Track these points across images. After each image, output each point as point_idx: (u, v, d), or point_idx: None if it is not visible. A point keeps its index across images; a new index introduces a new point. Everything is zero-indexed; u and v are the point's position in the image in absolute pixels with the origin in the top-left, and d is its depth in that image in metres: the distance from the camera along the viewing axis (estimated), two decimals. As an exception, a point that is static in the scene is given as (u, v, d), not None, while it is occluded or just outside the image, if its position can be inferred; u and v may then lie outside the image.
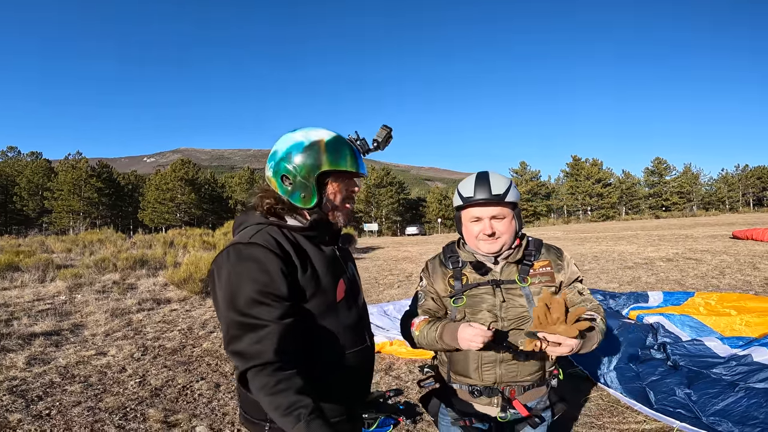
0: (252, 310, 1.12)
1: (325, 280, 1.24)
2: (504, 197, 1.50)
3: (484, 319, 1.51)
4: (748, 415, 2.51)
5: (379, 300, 7.85)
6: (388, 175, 64.92)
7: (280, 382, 1.06)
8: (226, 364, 4.48)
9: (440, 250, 1.71)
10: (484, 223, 1.51)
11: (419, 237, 38.97)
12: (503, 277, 1.54)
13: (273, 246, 1.17)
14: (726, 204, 63.44)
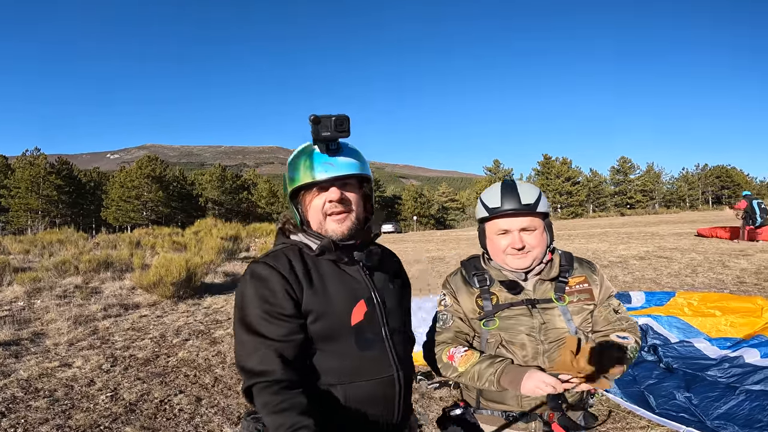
0: (258, 326, 1.13)
1: (338, 302, 1.18)
2: (535, 207, 1.38)
3: (523, 342, 1.38)
4: (753, 418, 2.52)
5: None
6: (364, 172, 64.78)
7: (284, 402, 1.05)
8: (205, 375, 4.22)
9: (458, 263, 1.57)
10: (512, 236, 1.39)
11: (397, 235, 38.93)
12: (537, 296, 1.41)
13: (281, 266, 1.17)
14: (686, 202, 66.70)
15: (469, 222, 61.32)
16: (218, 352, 4.97)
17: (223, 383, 4.00)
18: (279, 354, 1.11)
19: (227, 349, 5.06)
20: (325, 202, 1.20)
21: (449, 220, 67.92)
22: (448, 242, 20.98)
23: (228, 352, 4.95)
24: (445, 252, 15.64)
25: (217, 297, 8.49)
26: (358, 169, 1.21)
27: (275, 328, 1.12)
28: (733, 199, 53.37)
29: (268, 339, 1.12)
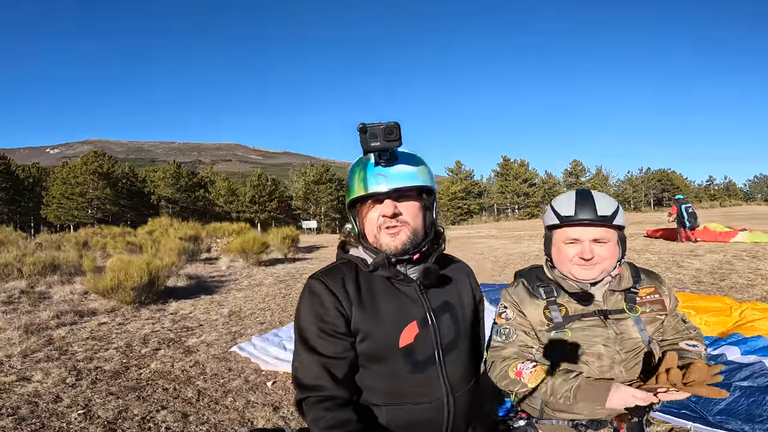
0: (314, 343, 1.13)
1: (387, 322, 1.16)
2: (611, 219, 1.34)
3: (600, 353, 1.36)
4: (752, 413, 2.65)
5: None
6: (328, 171, 63.93)
7: (333, 418, 1.05)
8: (187, 388, 3.93)
9: (516, 275, 1.51)
10: (582, 245, 1.35)
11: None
12: (609, 307, 1.39)
13: (333, 283, 1.17)
14: (631, 204, 71.26)
15: (432, 222, 62.22)
16: (195, 362, 4.67)
17: (208, 397, 3.74)
18: (331, 370, 1.11)
19: (205, 359, 4.77)
20: (379, 215, 1.16)
21: (412, 220, 68.56)
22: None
23: (207, 363, 4.66)
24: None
25: (183, 302, 8.04)
26: (415, 179, 1.15)
27: (329, 345, 1.13)
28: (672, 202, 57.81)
29: (322, 356, 1.12)
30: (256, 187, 61.15)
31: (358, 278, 1.19)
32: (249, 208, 60.70)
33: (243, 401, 3.63)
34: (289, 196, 64.78)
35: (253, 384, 4.03)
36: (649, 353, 1.37)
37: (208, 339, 5.60)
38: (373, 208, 1.18)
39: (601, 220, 1.33)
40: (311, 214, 61.36)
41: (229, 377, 4.21)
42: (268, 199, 61.42)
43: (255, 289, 9.38)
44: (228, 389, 3.91)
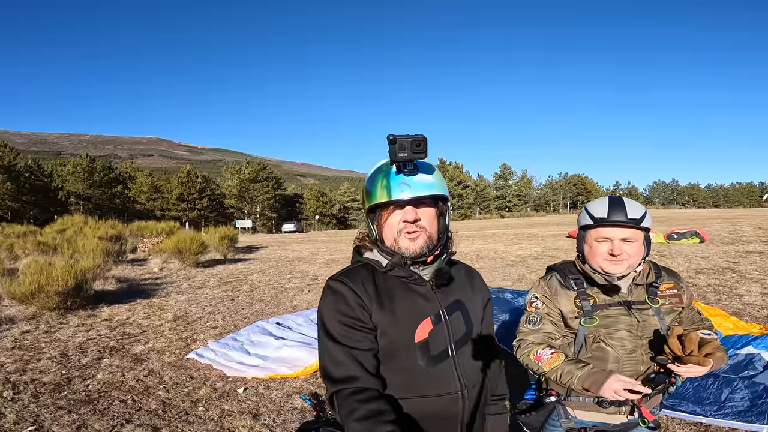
0: (341, 337, 1.17)
1: (403, 319, 1.22)
2: (640, 222, 1.52)
3: (623, 337, 1.55)
4: (699, 395, 3.04)
5: (295, 307, 7.37)
6: (265, 169, 61.73)
7: (369, 410, 1.07)
8: (148, 400, 3.67)
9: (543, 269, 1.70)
10: (612, 243, 1.53)
11: (301, 235, 38.06)
12: (633, 298, 1.58)
13: (353, 283, 1.23)
14: (551, 206, 77.53)
15: (370, 222, 62.63)
16: (150, 371, 4.36)
17: (175, 407, 3.52)
18: (362, 362, 1.15)
19: (160, 368, 4.48)
20: (400, 221, 1.23)
21: (351, 219, 68.58)
22: (359, 242, 21.17)
23: (163, 371, 4.38)
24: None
25: (117, 307, 7.41)
26: (435, 189, 1.24)
27: (356, 337, 1.18)
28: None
29: (350, 348, 1.16)
30: (184, 183, 57.37)
31: (375, 279, 1.25)
32: (176, 206, 56.81)
33: (217, 410, 3.47)
34: (222, 194, 61.61)
35: (222, 392, 3.86)
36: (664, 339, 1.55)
37: (157, 346, 5.25)
38: (393, 213, 1.25)
39: (630, 222, 1.51)
40: (246, 213, 58.91)
41: (194, 385, 3.99)
42: (198, 197, 57.93)
43: (198, 292, 8.90)
44: (196, 398, 3.71)
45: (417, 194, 1.21)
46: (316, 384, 4.01)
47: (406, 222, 1.23)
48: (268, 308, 7.37)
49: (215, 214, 58.94)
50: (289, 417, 3.40)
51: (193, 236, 13.86)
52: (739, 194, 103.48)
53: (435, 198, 1.26)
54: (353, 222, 67.30)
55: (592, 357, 1.58)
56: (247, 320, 6.49)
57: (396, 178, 1.22)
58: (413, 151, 1.16)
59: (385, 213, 1.26)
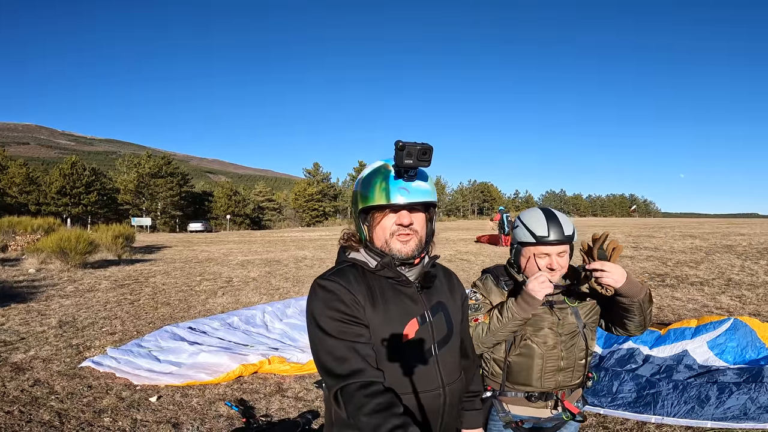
0: (339, 333, 1.17)
1: (392, 319, 1.25)
2: (572, 238, 1.66)
3: (546, 334, 1.69)
4: (595, 388, 3.36)
5: (209, 311, 6.87)
6: (169, 164, 56.55)
7: (378, 404, 1.07)
8: (40, 411, 3.16)
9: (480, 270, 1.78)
10: (551, 258, 1.65)
11: (210, 235, 35.49)
12: (554, 299, 1.71)
13: (345, 281, 1.24)
14: (461, 212, 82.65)
15: (287, 223, 60.99)
16: (36, 381, 3.77)
17: (75, 418, 3.07)
18: (364, 356, 1.16)
19: (49, 377, 3.89)
20: (394, 223, 1.26)
21: (265, 220, 65.97)
22: (275, 244, 20.51)
23: (54, 381, 3.82)
24: (277, 254, 15.29)
25: (-15, 313, 6.25)
26: (430, 196, 1.27)
27: (353, 330, 1.18)
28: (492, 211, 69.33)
29: (352, 342, 1.17)
30: (67, 176, 50.26)
31: (364, 279, 1.27)
32: (56, 200, 49.53)
33: (128, 421, 3.12)
34: (115, 189, 55.13)
35: (131, 401, 3.48)
36: (583, 338, 1.71)
37: (42, 354, 4.55)
38: (387, 216, 1.27)
39: (567, 240, 1.65)
40: (145, 211, 53.42)
41: (94, 395, 3.54)
42: (85, 192, 51.14)
43: (87, 296, 7.87)
44: (98, 408, 3.29)
45: (414, 200, 1.24)
46: (240, 390, 3.80)
47: (400, 225, 1.25)
48: (176, 312, 6.77)
49: (106, 211, 52.56)
50: (215, 425, 3.19)
51: (80, 234, 12.22)
52: (612, 204, 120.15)
53: (427, 204, 1.29)
54: (268, 222, 64.84)
55: (520, 354, 1.70)
56: (153, 325, 5.90)
57: (396, 182, 1.24)
58: (419, 159, 1.18)
59: (380, 215, 1.27)
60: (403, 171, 1.22)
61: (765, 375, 3.23)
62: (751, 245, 12.88)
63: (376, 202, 1.25)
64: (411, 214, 1.26)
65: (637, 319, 1.63)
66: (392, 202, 1.23)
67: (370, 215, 1.30)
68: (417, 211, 1.28)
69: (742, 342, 3.92)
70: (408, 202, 1.23)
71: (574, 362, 1.71)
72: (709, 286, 7.93)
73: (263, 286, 9.09)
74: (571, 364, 1.71)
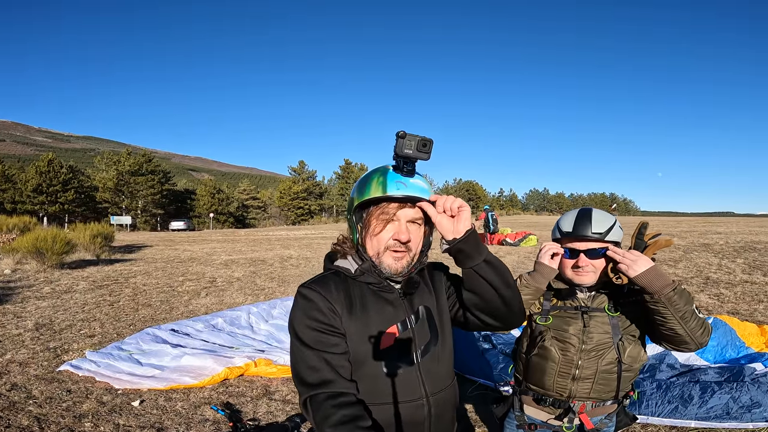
0: (312, 342, 1.17)
1: (370, 326, 1.22)
2: (605, 236, 1.53)
3: (569, 339, 1.61)
4: None
5: (192, 312, 6.75)
6: (150, 162, 55.32)
7: (344, 416, 1.06)
8: (18, 416, 3.05)
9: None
10: (578, 258, 1.56)
11: (192, 233, 34.84)
12: (593, 305, 1.61)
13: (324, 290, 1.23)
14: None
15: (271, 222, 60.36)
16: (13, 386, 3.67)
17: (55, 423, 2.98)
18: (336, 367, 1.15)
19: (26, 381, 3.77)
20: (391, 237, 1.22)
21: (250, 218, 65.16)
22: (260, 243, 20.28)
23: (31, 385, 3.70)
24: (262, 253, 15.12)
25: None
26: (427, 195, 1.24)
27: (328, 341, 1.17)
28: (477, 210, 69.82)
29: (325, 352, 1.16)
30: (44, 174, 48.81)
31: (345, 286, 1.25)
32: (32, 198, 48.05)
33: (110, 426, 3.03)
34: (94, 187, 53.71)
35: (112, 406, 3.38)
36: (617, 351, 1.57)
37: (18, 357, 4.41)
38: (384, 227, 1.22)
39: (594, 237, 1.53)
40: (124, 209, 52.18)
41: (74, 399, 3.44)
42: (62, 190, 49.72)
43: (64, 297, 7.65)
44: (79, 413, 3.19)
45: (412, 194, 1.20)
46: (226, 393, 3.74)
47: (397, 241, 1.21)
48: (158, 314, 6.63)
49: (84, 209, 51.17)
50: (201, 429, 3.13)
51: (56, 233, 11.86)
52: (594, 203, 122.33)
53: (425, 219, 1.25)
54: (252, 221, 64.05)
55: (537, 354, 1.64)
56: (134, 327, 5.76)
57: (393, 176, 1.21)
58: (419, 150, 1.15)
59: (373, 218, 1.22)
60: (402, 163, 1.19)
61: (746, 374, 3.31)
62: (727, 244, 13.27)
63: (371, 195, 1.21)
64: (410, 227, 1.22)
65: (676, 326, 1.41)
66: (389, 193, 1.19)
67: (366, 212, 1.24)
68: (416, 226, 1.24)
69: (722, 341, 4.02)
70: (405, 195, 1.19)
71: (596, 374, 1.59)
72: (688, 284, 8.13)
73: (248, 286, 8.96)
74: (592, 375, 1.59)
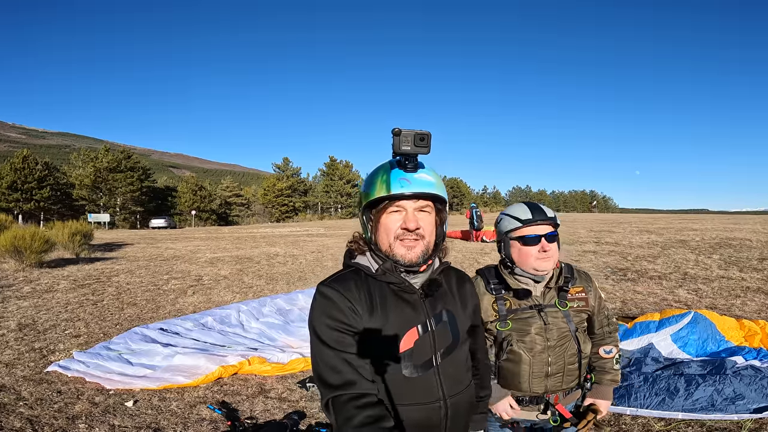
0: (334, 342, 1.15)
1: (390, 327, 1.20)
2: (555, 219, 1.66)
3: (534, 339, 1.65)
4: None
5: (180, 311, 6.66)
6: (129, 158, 53.97)
7: (367, 417, 1.06)
8: (10, 418, 2.99)
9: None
10: (542, 242, 1.62)
11: (174, 231, 34.16)
12: (545, 302, 1.68)
13: (344, 288, 1.20)
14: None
15: (255, 219, 59.65)
16: (2, 387, 3.61)
17: (48, 425, 2.94)
18: (357, 368, 1.13)
19: (14, 383, 3.71)
20: (399, 227, 1.20)
21: (233, 216, 64.28)
22: (245, 240, 20.04)
23: (20, 386, 3.63)
24: (247, 251, 14.95)
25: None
26: (434, 188, 1.21)
27: (349, 342, 1.16)
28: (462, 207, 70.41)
29: (346, 353, 1.14)
30: (19, 170, 47.23)
31: (365, 285, 1.22)
32: (6, 195, 46.43)
33: (105, 427, 2.99)
34: (70, 184, 52.17)
35: (105, 406, 3.33)
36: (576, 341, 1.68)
37: (4, 358, 4.33)
38: (390, 216, 1.20)
39: (552, 221, 1.65)
40: (102, 206, 50.83)
41: (65, 401, 3.38)
42: (37, 187, 48.17)
43: (46, 297, 7.47)
44: (72, 414, 3.14)
45: (417, 190, 1.17)
46: (221, 392, 3.72)
47: (405, 230, 1.19)
48: (144, 313, 6.53)
49: (60, 207, 49.69)
50: (199, 429, 3.11)
51: (35, 231, 11.51)
52: (574, 200, 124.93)
53: (434, 201, 1.23)
54: (235, 218, 63.20)
55: (507, 360, 1.67)
56: (120, 327, 5.67)
57: (396, 173, 1.18)
58: (416, 145, 1.13)
59: (381, 213, 1.21)
60: (403, 160, 1.17)
61: (727, 367, 3.44)
62: (703, 240, 13.74)
63: (376, 194, 1.19)
64: (418, 215, 1.20)
65: None
66: (393, 192, 1.17)
67: (374, 212, 1.23)
68: (426, 214, 1.22)
69: (702, 335, 4.19)
70: (411, 192, 1.17)
71: (564, 367, 1.68)
72: (667, 280, 8.41)
73: (235, 284, 8.88)
74: (560, 369, 1.67)
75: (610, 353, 1.79)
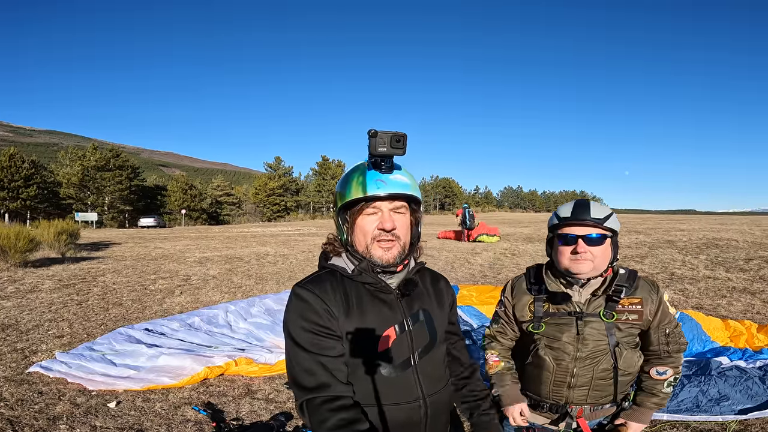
0: (309, 345, 1.15)
1: (369, 327, 1.20)
2: (604, 221, 1.51)
3: (563, 348, 1.57)
4: None
5: (166, 311, 6.57)
6: (118, 157, 53.25)
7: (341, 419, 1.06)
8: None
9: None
10: (578, 243, 1.51)
11: (163, 230, 33.77)
12: (588, 310, 1.56)
13: (320, 290, 1.20)
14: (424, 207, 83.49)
15: (246, 218, 59.23)
16: None
17: (29, 426, 2.89)
18: (332, 370, 1.13)
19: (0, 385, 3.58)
20: (376, 228, 1.20)
21: (224, 215, 63.76)
22: (235, 240, 19.87)
23: (1, 386, 3.56)
24: (237, 251, 14.83)
25: None
26: (410, 189, 1.21)
27: (325, 344, 1.15)
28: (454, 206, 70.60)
29: (320, 354, 1.14)
30: (5, 168, 46.42)
31: (341, 286, 1.22)
32: (-9, 194, 45.57)
33: (86, 428, 2.93)
34: (57, 183, 51.37)
35: (87, 407, 3.27)
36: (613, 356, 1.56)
37: (-18, 360, 4.17)
38: (367, 218, 1.20)
39: (594, 221, 1.51)
40: (90, 205, 50.10)
41: (46, 401, 3.32)
42: (23, 185, 47.36)
43: (29, 297, 7.33)
44: (53, 415, 3.08)
45: (392, 191, 1.18)
46: (207, 393, 3.67)
47: (382, 230, 1.19)
48: (130, 313, 6.43)
49: (47, 205, 48.90)
50: (183, 430, 3.07)
51: (19, 230, 11.29)
52: (565, 200, 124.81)
53: (409, 202, 1.24)
54: (226, 217, 62.69)
55: (532, 363, 1.63)
56: (105, 327, 5.58)
57: (372, 174, 1.18)
58: (393, 146, 1.14)
59: (357, 215, 1.20)
60: (379, 161, 1.17)
61: (712, 368, 3.44)
62: (690, 240, 13.90)
63: (352, 196, 1.19)
64: (394, 216, 1.20)
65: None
66: (369, 194, 1.17)
67: (349, 213, 1.23)
68: (401, 215, 1.22)
69: (688, 335, 4.19)
70: (387, 194, 1.17)
71: (591, 381, 1.57)
72: (654, 279, 8.50)
73: (224, 284, 8.79)
74: (587, 382, 1.58)
75: (663, 375, 1.62)
